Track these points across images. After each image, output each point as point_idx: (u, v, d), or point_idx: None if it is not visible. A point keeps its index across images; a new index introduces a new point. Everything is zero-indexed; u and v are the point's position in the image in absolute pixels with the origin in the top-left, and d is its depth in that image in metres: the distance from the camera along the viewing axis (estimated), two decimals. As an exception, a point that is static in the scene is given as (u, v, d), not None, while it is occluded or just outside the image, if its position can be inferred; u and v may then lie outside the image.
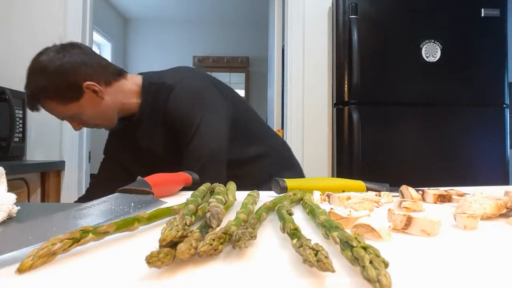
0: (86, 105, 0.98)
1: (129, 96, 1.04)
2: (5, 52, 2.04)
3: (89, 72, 0.97)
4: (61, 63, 0.94)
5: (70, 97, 0.96)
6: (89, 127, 1.09)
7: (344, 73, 1.96)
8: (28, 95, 0.97)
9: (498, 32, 1.94)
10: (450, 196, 0.58)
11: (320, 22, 2.17)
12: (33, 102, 0.98)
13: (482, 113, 1.93)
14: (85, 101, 0.98)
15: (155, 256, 0.25)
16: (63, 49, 0.97)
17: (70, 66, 0.94)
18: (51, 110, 1.00)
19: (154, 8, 4.48)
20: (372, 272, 0.22)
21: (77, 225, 0.38)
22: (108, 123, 1.07)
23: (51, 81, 0.93)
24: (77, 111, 0.99)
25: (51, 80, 0.93)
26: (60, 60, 0.94)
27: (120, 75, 1.04)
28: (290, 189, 0.61)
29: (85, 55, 0.98)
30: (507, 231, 0.40)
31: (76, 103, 0.97)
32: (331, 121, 2.12)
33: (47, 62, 0.94)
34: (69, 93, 0.95)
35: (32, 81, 0.95)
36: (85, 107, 0.99)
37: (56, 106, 0.98)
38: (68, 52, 0.96)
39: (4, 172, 0.49)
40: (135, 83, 1.05)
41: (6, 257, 0.28)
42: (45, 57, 0.95)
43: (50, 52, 0.96)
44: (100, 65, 1.00)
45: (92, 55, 1.01)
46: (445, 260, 0.29)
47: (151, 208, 0.47)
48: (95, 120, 1.04)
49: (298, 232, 0.30)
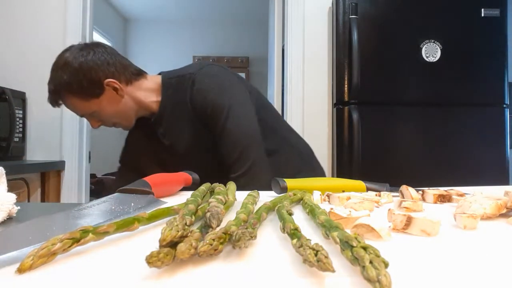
0: (106, 102, 1.01)
1: (149, 95, 1.05)
2: (5, 52, 2.03)
3: (111, 70, 1.00)
4: (84, 60, 0.98)
5: (91, 93, 0.99)
6: (107, 125, 1.09)
7: (344, 73, 1.95)
8: (51, 90, 1.00)
9: (498, 32, 1.94)
10: (450, 196, 0.58)
11: (320, 22, 2.17)
12: (55, 97, 1.01)
13: (482, 113, 1.93)
14: (105, 98, 1.00)
15: (155, 256, 0.25)
16: (86, 47, 1.01)
17: (92, 64, 0.98)
18: (72, 105, 1.02)
19: (154, 8, 4.47)
20: (372, 272, 0.22)
21: (77, 225, 0.38)
22: (126, 122, 1.08)
23: (74, 77, 0.97)
24: (96, 108, 1.01)
25: (74, 76, 0.97)
26: (83, 57, 0.98)
27: (140, 75, 1.06)
28: (290, 189, 0.61)
29: (108, 54, 1.01)
30: (507, 231, 0.40)
31: (96, 99, 1.00)
32: (331, 121, 2.12)
33: (71, 59, 0.97)
34: (90, 90, 0.98)
35: (55, 77, 0.99)
36: (104, 104, 1.01)
37: (77, 102, 1.00)
38: (92, 50, 1.00)
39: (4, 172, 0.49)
40: (155, 82, 1.06)
41: (6, 257, 0.28)
42: (69, 54, 0.99)
43: (74, 49, 1.00)
44: (122, 64, 1.03)
45: (114, 54, 1.04)
46: (445, 260, 0.29)
47: (151, 208, 0.47)
48: (114, 119, 1.05)
49: (298, 232, 0.30)
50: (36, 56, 2.01)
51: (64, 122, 2.05)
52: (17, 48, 2.04)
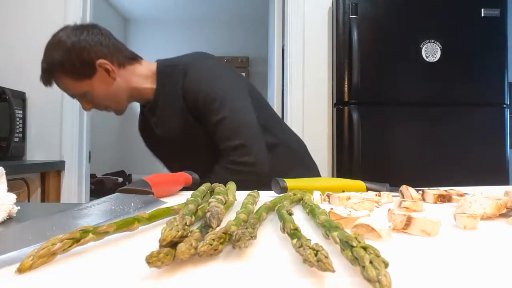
0: (98, 83, 1.00)
1: (143, 81, 1.05)
2: (5, 53, 2.03)
3: (104, 51, 1.00)
4: (77, 39, 0.97)
5: (83, 74, 0.99)
6: (99, 108, 1.08)
7: (344, 73, 1.95)
8: (44, 69, 1.01)
9: (498, 32, 1.94)
10: (450, 196, 0.58)
11: (320, 22, 2.17)
12: (47, 76, 1.01)
13: (482, 113, 1.93)
14: (97, 80, 1.00)
15: (155, 256, 0.25)
16: (81, 27, 1.01)
17: (85, 43, 0.98)
18: (63, 85, 1.02)
19: (154, 8, 4.47)
20: (372, 272, 0.22)
21: (77, 225, 0.38)
22: (117, 105, 1.07)
23: (66, 56, 0.97)
24: (88, 89, 1.01)
25: (66, 55, 0.97)
26: (76, 37, 0.98)
27: (135, 60, 1.06)
28: (290, 189, 0.61)
29: (102, 36, 1.01)
30: (507, 231, 0.40)
31: (88, 80, 1.00)
32: (331, 121, 2.12)
33: (65, 38, 0.98)
34: (82, 70, 0.98)
35: (48, 55, 0.99)
36: (96, 85, 1.00)
37: (69, 81, 1.00)
38: (86, 30, 1.00)
39: (4, 172, 0.49)
40: (149, 69, 1.06)
41: (6, 257, 0.28)
42: (63, 33, 0.99)
43: (68, 29, 1.00)
44: (115, 46, 1.03)
45: (109, 37, 1.03)
46: (445, 260, 0.29)
47: (151, 208, 0.47)
48: (105, 101, 1.04)
49: (298, 232, 0.30)
50: (36, 56, 1.99)
51: (64, 122, 2.05)
52: (17, 48, 2.04)
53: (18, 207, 0.48)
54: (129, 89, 1.04)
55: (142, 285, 0.24)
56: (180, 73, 1.00)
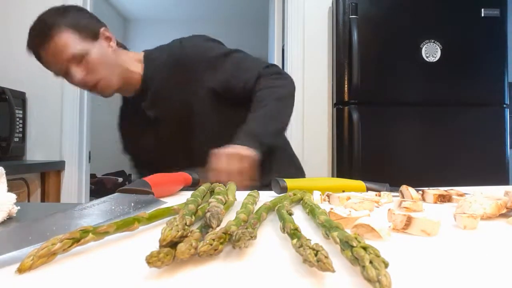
0: (97, 50, 1.01)
1: (133, 64, 1.07)
2: (5, 53, 2.03)
3: (103, 24, 1.06)
4: (80, 11, 1.07)
5: (87, 33, 1.00)
6: (89, 81, 1.02)
7: (344, 73, 1.95)
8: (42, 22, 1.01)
9: (498, 32, 1.94)
10: (450, 196, 0.58)
11: (320, 22, 2.17)
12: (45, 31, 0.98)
13: (482, 113, 1.93)
14: (98, 46, 1.02)
15: (155, 256, 0.25)
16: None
17: (88, 15, 1.07)
18: (64, 42, 0.97)
19: (154, 8, 4.47)
20: (372, 272, 0.22)
21: (77, 225, 0.38)
22: (108, 81, 1.02)
23: (72, 15, 1.01)
24: (87, 51, 0.99)
25: (73, 13, 1.02)
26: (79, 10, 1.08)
27: (124, 47, 1.12)
28: (290, 189, 0.61)
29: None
30: (507, 231, 0.40)
31: (90, 43, 1.00)
32: (331, 121, 2.12)
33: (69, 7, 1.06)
34: (87, 29, 1.01)
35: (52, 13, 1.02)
36: (96, 52, 1.01)
37: (72, 38, 0.97)
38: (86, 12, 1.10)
39: (4, 172, 0.49)
40: (137, 57, 1.10)
41: (6, 257, 0.28)
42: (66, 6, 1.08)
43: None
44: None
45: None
46: (445, 260, 0.29)
47: (151, 208, 0.47)
48: (100, 70, 1.01)
49: (298, 232, 0.30)
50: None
51: (64, 122, 2.05)
52: (17, 48, 2.03)
53: (18, 207, 0.48)
54: (122, 67, 1.05)
55: (142, 285, 0.24)
56: (175, 45, 1.07)
